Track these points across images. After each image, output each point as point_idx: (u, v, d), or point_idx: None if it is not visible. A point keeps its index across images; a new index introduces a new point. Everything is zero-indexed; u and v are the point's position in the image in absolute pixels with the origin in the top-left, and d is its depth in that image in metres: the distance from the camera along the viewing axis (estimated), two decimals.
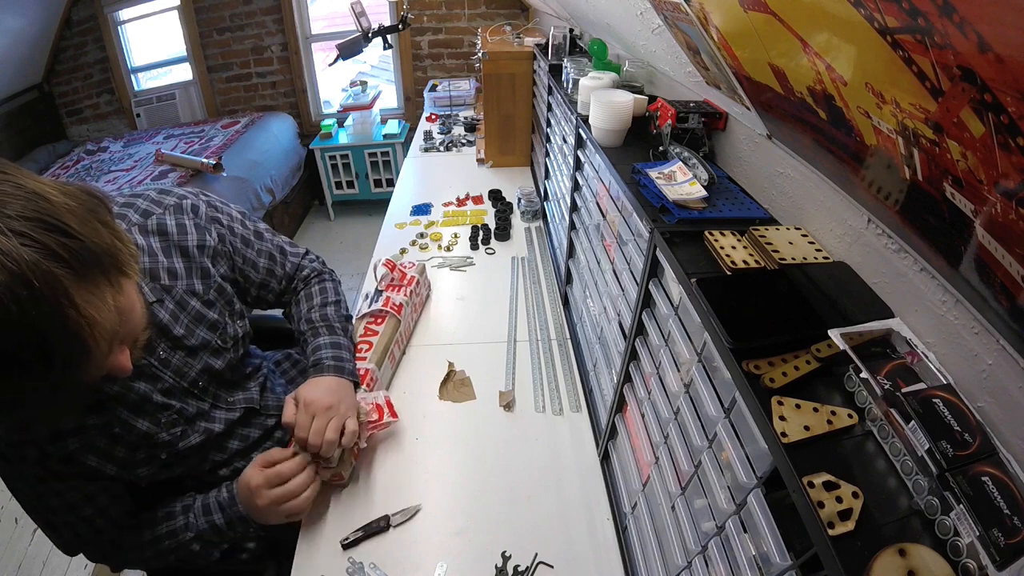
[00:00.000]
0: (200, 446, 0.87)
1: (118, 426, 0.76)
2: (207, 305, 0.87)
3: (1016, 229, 0.35)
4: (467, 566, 0.86)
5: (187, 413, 0.84)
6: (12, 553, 1.78)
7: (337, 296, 1.08)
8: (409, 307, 1.31)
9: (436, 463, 1.03)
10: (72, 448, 0.73)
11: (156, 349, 0.80)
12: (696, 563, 0.60)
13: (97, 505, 0.80)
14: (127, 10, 3.54)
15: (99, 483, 0.79)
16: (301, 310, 1.04)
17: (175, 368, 0.82)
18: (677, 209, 0.73)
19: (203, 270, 0.87)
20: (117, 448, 0.77)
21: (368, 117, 3.44)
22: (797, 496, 0.41)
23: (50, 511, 0.78)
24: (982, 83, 0.32)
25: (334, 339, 1.00)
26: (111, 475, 0.78)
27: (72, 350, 0.49)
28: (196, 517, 0.86)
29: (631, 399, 0.86)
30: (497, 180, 2.12)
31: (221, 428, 0.89)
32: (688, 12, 0.71)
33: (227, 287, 0.92)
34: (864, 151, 0.51)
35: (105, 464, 0.77)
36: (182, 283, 0.84)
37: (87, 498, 0.79)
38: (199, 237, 0.87)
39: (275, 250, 1.02)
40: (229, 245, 0.93)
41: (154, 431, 0.79)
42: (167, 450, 0.82)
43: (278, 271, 1.02)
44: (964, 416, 0.42)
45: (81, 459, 0.74)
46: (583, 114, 1.12)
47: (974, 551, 0.36)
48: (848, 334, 0.49)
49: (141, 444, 0.79)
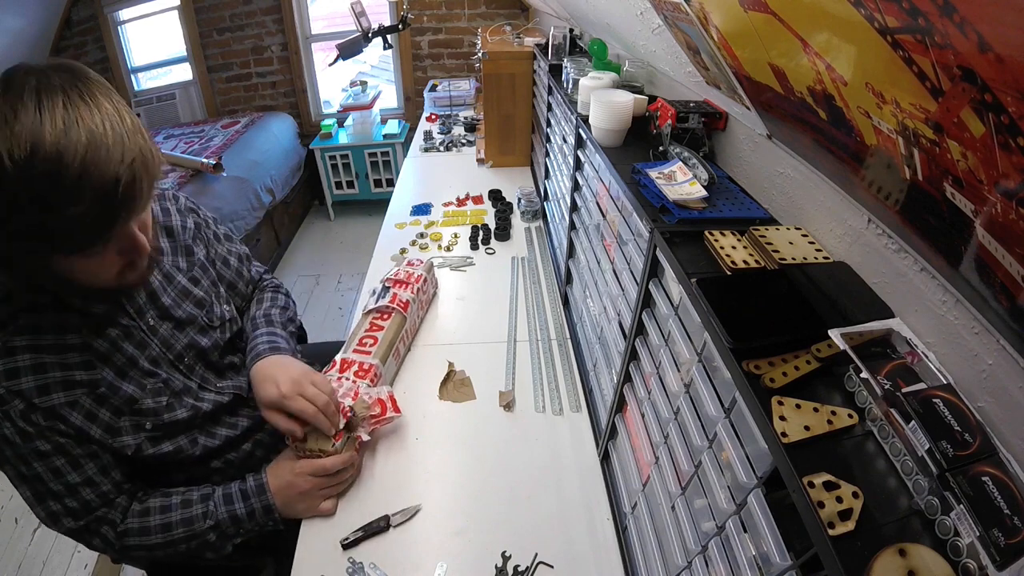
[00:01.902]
0: (188, 423, 0.87)
1: (103, 386, 0.78)
2: (192, 282, 0.93)
3: (1016, 229, 0.35)
4: (467, 566, 0.86)
5: (173, 385, 0.86)
6: (12, 553, 1.78)
7: (285, 304, 1.14)
8: (416, 304, 1.31)
9: (436, 463, 1.03)
10: (57, 402, 0.74)
11: (145, 314, 0.84)
12: (696, 563, 0.60)
13: (84, 473, 0.78)
14: (127, 10, 3.54)
15: (85, 447, 0.78)
16: (250, 312, 1.09)
17: (162, 338, 0.86)
18: (677, 209, 0.73)
19: (186, 248, 0.95)
20: (102, 410, 0.78)
21: (368, 117, 3.44)
22: (797, 496, 0.41)
23: (36, 478, 0.77)
24: (982, 83, 0.32)
25: (270, 330, 1.03)
26: (96, 439, 0.78)
27: (133, 193, 0.64)
28: (217, 506, 0.87)
29: (631, 399, 0.86)
30: (497, 180, 2.12)
31: (209, 408, 0.90)
32: (688, 12, 0.71)
33: (209, 267, 0.98)
34: (864, 151, 0.51)
35: (90, 425, 0.77)
36: (168, 259, 0.91)
37: (73, 464, 0.77)
38: (181, 220, 0.96)
39: (243, 254, 1.11)
40: (205, 234, 1.00)
41: (139, 395, 0.81)
42: (152, 419, 0.82)
43: (245, 274, 1.10)
44: (964, 416, 0.42)
45: (65, 415, 0.74)
46: (583, 114, 1.12)
47: (974, 551, 0.36)
48: (848, 334, 0.49)
49: (125, 409, 0.80)
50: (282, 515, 0.90)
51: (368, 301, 1.28)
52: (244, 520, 0.88)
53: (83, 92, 0.62)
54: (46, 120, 0.58)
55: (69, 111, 0.59)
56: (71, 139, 0.58)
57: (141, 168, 0.64)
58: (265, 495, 0.89)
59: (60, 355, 0.74)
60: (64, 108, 0.59)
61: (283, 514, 0.90)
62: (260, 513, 0.89)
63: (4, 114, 0.57)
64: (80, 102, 0.61)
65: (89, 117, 0.60)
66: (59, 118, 0.58)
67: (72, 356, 0.75)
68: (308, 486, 0.90)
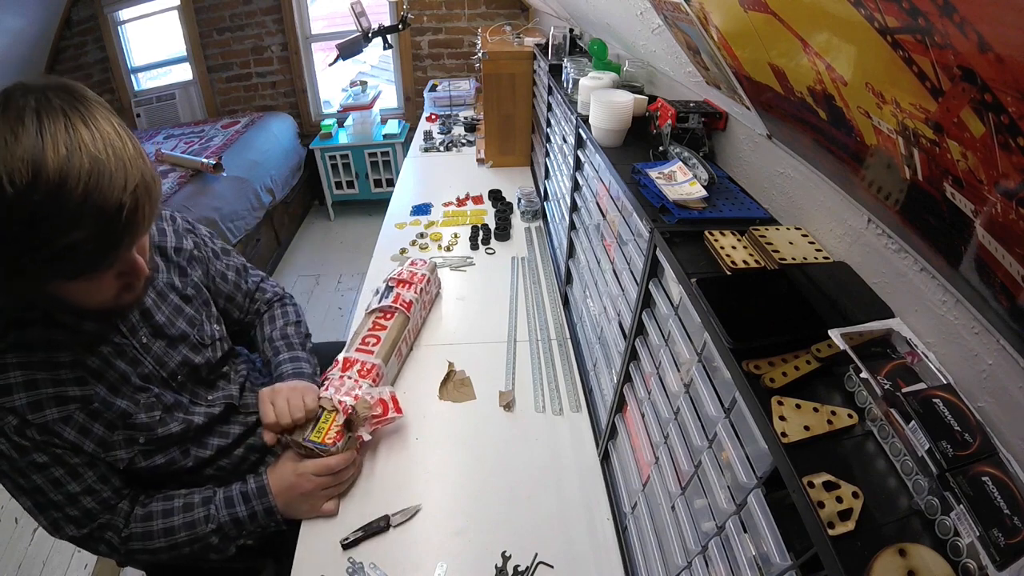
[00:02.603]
0: (181, 437, 0.88)
1: (97, 401, 0.77)
2: (185, 300, 0.93)
3: (1016, 229, 0.35)
4: (467, 566, 0.86)
5: (165, 401, 0.86)
6: (12, 553, 1.78)
7: (297, 317, 1.16)
8: (419, 305, 1.31)
9: (436, 463, 1.03)
10: (50, 418, 0.73)
11: (138, 332, 0.84)
12: (696, 563, 0.60)
13: (84, 482, 0.78)
14: (127, 10, 3.54)
15: (83, 457, 0.78)
16: (265, 332, 1.10)
17: (155, 356, 0.86)
18: (677, 209, 0.73)
19: (180, 268, 0.95)
20: (96, 425, 0.78)
21: (368, 117, 3.44)
22: (797, 496, 0.41)
23: (36, 490, 0.76)
24: (982, 83, 0.32)
25: (293, 354, 1.06)
26: (90, 452, 0.78)
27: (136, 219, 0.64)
28: (218, 510, 0.87)
29: (631, 399, 0.86)
30: (497, 180, 2.11)
31: (201, 421, 0.91)
32: (688, 12, 0.71)
33: (203, 288, 0.99)
34: (864, 151, 0.51)
35: (83, 440, 0.77)
36: (163, 277, 0.91)
37: (72, 473, 0.77)
38: (176, 241, 0.95)
39: (239, 266, 1.11)
40: (204, 253, 1.02)
41: (132, 410, 0.81)
42: (145, 434, 0.83)
43: (243, 285, 1.11)
44: (964, 416, 0.42)
45: (59, 430, 0.74)
46: (583, 114, 1.12)
47: (974, 551, 0.36)
48: (848, 334, 0.49)
49: (118, 423, 0.80)
50: (284, 516, 0.90)
51: (371, 300, 1.28)
52: (246, 522, 0.88)
53: (84, 115, 0.61)
54: (47, 144, 0.57)
55: (71, 135, 0.58)
56: (73, 164, 0.57)
57: (144, 194, 0.64)
58: (267, 497, 0.89)
59: (52, 371, 0.74)
60: (66, 131, 0.58)
61: (285, 515, 0.90)
62: (262, 515, 0.89)
63: (4, 136, 0.56)
64: (81, 125, 0.60)
65: (91, 142, 0.59)
66: (61, 142, 0.58)
67: (64, 372, 0.75)
68: (311, 487, 0.90)
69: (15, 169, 0.55)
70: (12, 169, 0.55)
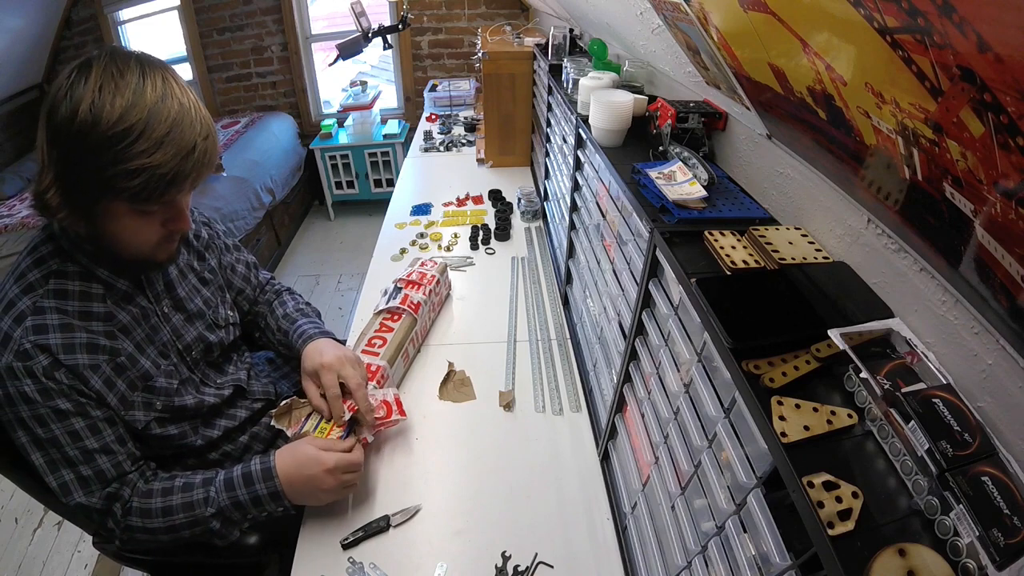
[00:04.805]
0: (194, 411, 0.92)
1: (124, 355, 0.83)
2: (203, 282, 1.00)
3: (1016, 229, 0.35)
4: (467, 566, 0.86)
5: (181, 373, 0.91)
6: (12, 553, 1.78)
7: (306, 302, 1.21)
8: (427, 306, 1.30)
9: (436, 463, 1.03)
10: (80, 363, 0.77)
11: (162, 301, 0.90)
12: (696, 563, 0.60)
13: (102, 439, 0.79)
14: (127, 10, 3.54)
15: (104, 411, 0.79)
16: (277, 315, 1.15)
17: (173, 327, 0.92)
18: (677, 209, 0.73)
19: (199, 253, 1.01)
20: (119, 380, 0.82)
21: (368, 117, 3.44)
22: (797, 496, 0.41)
23: (52, 442, 0.77)
24: (982, 83, 0.32)
25: (312, 320, 1.13)
26: (111, 407, 0.80)
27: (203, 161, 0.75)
28: (218, 492, 0.85)
29: (631, 399, 0.86)
30: (497, 180, 2.12)
31: (213, 401, 0.95)
32: (688, 12, 0.71)
33: (218, 273, 1.05)
34: (864, 151, 0.51)
35: (107, 393, 0.80)
36: (184, 258, 0.98)
37: (92, 428, 0.78)
38: (196, 229, 1.02)
39: (250, 262, 1.17)
40: (217, 245, 1.07)
41: (153, 372, 0.86)
42: (163, 399, 0.87)
43: (253, 280, 1.16)
44: (964, 416, 0.42)
45: (87, 377, 0.78)
46: (583, 114, 1.12)
47: (974, 551, 0.36)
48: (848, 334, 0.49)
49: (139, 384, 0.84)
50: (291, 502, 0.88)
51: (379, 301, 1.27)
52: (248, 506, 0.86)
53: (175, 76, 0.74)
54: (147, 85, 0.69)
55: (166, 85, 0.71)
56: (165, 104, 0.70)
57: (212, 145, 0.76)
58: (272, 480, 0.86)
59: (85, 321, 0.79)
60: (163, 81, 0.71)
61: (292, 501, 0.88)
62: (267, 499, 0.86)
63: (112, 72, 0.68)
64: (173, 82, 0.73)
65: (180, 94, 0.73)
66: (158, 87, 0.70)
67: (96, 324, 0.80)
68: (334, 483, 0.87)
69: (119, 95, 0.67)
70: (116, 96, 0.67)
